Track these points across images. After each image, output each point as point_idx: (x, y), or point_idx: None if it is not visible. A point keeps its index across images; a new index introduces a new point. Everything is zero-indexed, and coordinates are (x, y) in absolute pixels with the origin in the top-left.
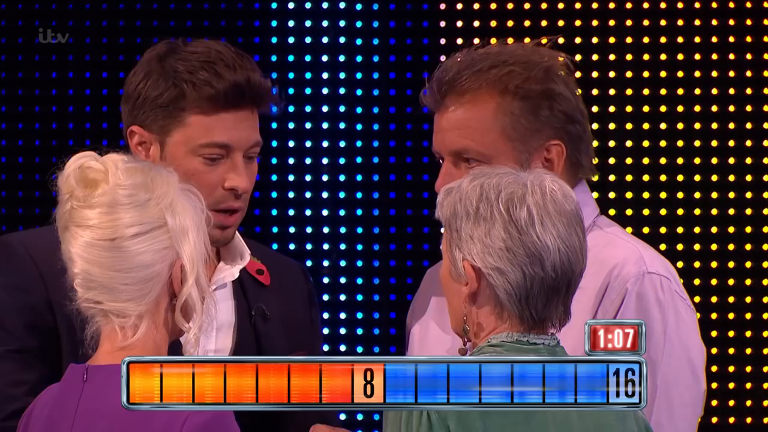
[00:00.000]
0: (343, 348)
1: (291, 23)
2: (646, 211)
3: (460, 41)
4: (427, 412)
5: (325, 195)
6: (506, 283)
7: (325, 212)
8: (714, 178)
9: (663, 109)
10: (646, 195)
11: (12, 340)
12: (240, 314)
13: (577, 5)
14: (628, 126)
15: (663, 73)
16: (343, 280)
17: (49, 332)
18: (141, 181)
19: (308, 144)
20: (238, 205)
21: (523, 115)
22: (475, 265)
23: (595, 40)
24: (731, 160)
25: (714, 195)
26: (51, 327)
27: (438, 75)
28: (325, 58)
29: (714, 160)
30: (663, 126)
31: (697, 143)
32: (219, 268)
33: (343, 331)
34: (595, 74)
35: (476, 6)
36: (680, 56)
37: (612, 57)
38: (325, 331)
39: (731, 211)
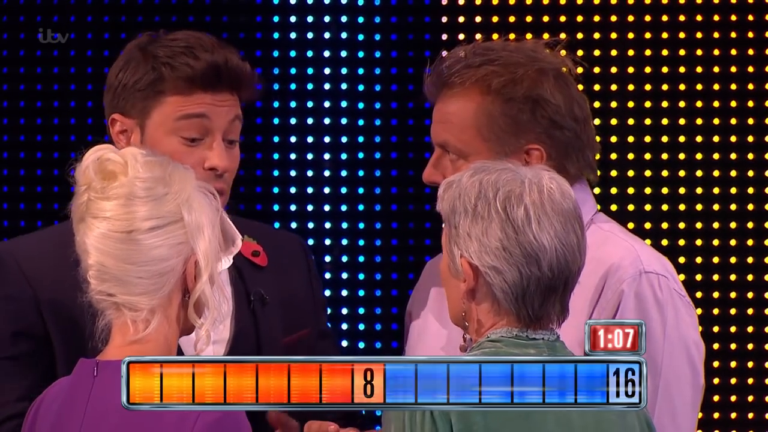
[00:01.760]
0: (345, 343)
1: (293, 18)
2: (648, 207)
3: (461, 36)
4: None
5: (326, 190)
6: (503, 282)
7: (327, 207)
8: (716, 173)
9: (665, 104)
10: (648, 190)
11: (2, 348)
12: (238, 302)
13: (579, 0)
14: (630, 121)
15: (665, 69)
16: (344, 276)
17: (40, 339)
18: (160, 174)
19: (310, 140)
20: (220, 186)
21: (501, 117)
22: (472, 263)
23: (597, 35)
24: (733, 156)
25: (716, 190)
26: (42, 334)
27: (436, 67)
28: (327, 54)
29: (716, 156)
30: (665, 121)
31: (699, 139)
32: None
33: (344, 326)
34: (597, 70)
35: (478, 1)
36: (682, 52)
37: (614, 52)
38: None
39: (733, 207)
